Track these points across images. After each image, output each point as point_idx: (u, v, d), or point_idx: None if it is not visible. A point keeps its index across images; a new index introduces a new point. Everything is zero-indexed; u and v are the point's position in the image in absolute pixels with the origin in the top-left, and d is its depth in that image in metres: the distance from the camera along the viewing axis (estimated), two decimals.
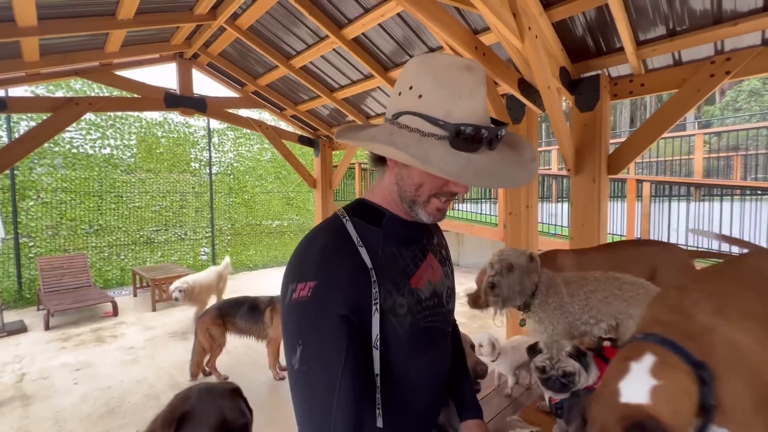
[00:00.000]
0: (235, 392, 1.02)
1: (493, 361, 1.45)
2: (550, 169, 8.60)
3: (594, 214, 2.62)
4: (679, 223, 5.33)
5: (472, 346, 1.36)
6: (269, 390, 3.34)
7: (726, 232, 4.97)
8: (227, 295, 4.74)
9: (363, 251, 0.69)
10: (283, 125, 5.50)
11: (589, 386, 1.02)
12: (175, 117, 7.88)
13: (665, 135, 7.84)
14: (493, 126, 0.65)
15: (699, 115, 14.00)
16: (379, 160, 0.75)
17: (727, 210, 5.01)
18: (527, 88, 2.77)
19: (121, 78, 3.95)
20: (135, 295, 6.63)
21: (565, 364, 1.00)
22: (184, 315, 5.53)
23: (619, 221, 5.69)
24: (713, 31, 2.12)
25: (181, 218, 8.09)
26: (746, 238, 4.87)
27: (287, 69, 3.88)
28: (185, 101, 4.17)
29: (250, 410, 1.02)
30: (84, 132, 6.82)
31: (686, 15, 2.15)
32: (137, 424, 2.83)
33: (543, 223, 6.66)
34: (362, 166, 9.09)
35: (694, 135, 7.19)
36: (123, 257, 7.38)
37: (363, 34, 3.19)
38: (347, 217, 0.73)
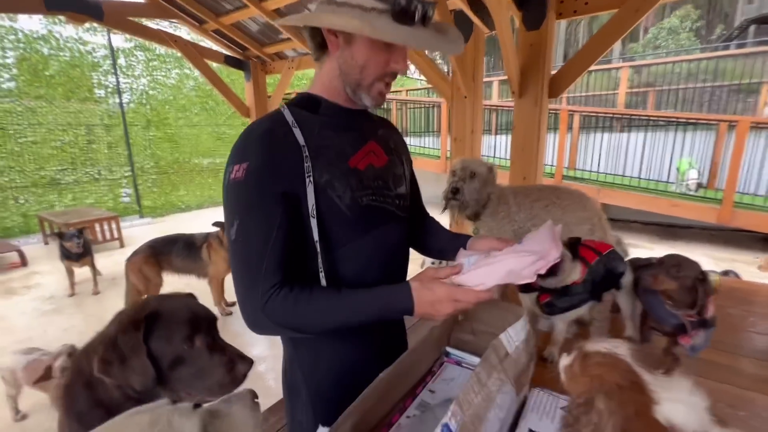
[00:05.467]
0: (192, 296, 0.97)
1: None
2: (491, 100, 8.72)
3: (534, 138, 2.70)
4: (602, 153, 5.84)
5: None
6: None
7: (638, 158, 5.56)
8: None
9: (297, 131, 0.72)
10: (207, 45, 4.77)
11: (575, 282, 1.01)
12: (64, 30, 6.47)
13: (594, 68, 8.21)
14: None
15: (624, 51, 14.82)
16: (320, 48, 0.77)
17: (641, 139, 5.56)
18: (476, 2, 2.61)
19: None
20: (46, 243, 5.90)
21: None
22: (111, 260, 5.07)
23: (550, 152, 6.06)
24: None
25: (90, 155, 7.06)
26: (650, 163, 5.50)
27: None
28: (73, 3, 3.34)
29: None
30: None
31: None
32: None
33: (483, 156, 6.90)
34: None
35: (621, 68, 7.62)
36: (23, 201, 6.39)
37: None
38: (285, 107, 0.77)
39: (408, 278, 0.93)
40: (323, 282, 0.75)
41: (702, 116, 5.77)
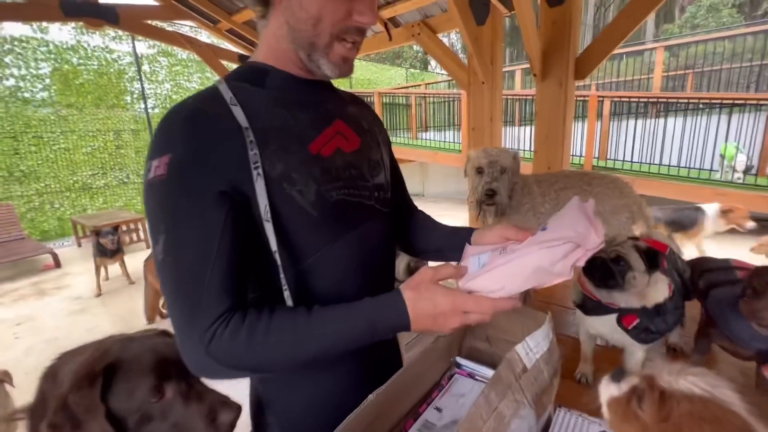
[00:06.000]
0: (165, 333, 0.84)
1: None
2: (514, 90, 8.39)
3: (559, 124, 2.49)
4: (636, 141, 5.44)
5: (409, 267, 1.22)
6: None
7: (676, 146, 5.15)
8: None
9: (237, 110, 0.56)
10: (225, 46, 4.79)
11: (657, 304, 0.75)
12: (91, 40, 6.72)
13: (626, 50, 7.69)
14: None
15: (658, 34, 13.95)
16: None
17: (680, 124, 5.14)
18: None
19: None
20: (79, 245, 6.14)
21: (624, 250, 0.74)
22: (136, 260, 5.21)
23: (578, 141, 5.72)
24: None
25: (119, 160, 7.31)
26: (690, 149, 5.08)
27: None
28: (89, 9, 3.41)
29: None
30: None
31: None
32: None
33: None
34: None
35: (655, 49, 7.12)
36: (58, 206, 6.69)
37: None
38: (222, 81, 0.61)
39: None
40: (289, 302, 0.60)
41: (750, 96, 5.28)
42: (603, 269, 0.75)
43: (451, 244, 0.79)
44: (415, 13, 3.10)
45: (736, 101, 5.04)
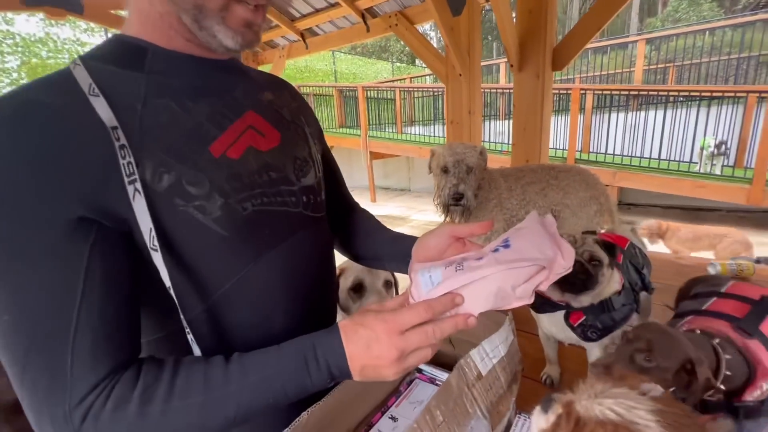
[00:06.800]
0: None
1: None
2: (498, 84, 8.37)
3: (537, 116, 2.45)
4: (618, 134, 5.47)
5: (387, 282, 1.11)
6: None
7: (657, 138, 5.20)
8: None
9: (100, 103, 0.41)
10: None
11: (603, 300, 0.73)
12: (61, 32, 6.45)
13: (608, 44, 7.71)
14: None
15: (642, 27, 14.11)
16: None
17: (661, 117, 5.18)
18: None
19: None
20: None
21: (592, 248, 0.71)
22: None
23: (561, 134, 5.73)
24: None
25: None
26: (671, 142, 5.13)
27: None
28: None
29: None
30: None
31: None
32: None
33: (489, 142, 6.63)
34: (298, 89, 8.29)
35: (637, 41, 7.17)
36: None
37: None
38: (78, 63, 0.44)
39: None
40: (195, 350, 0.46)
41: (728, 88, 5.36)
42: (582, 273, 0.70)
43: (390, 252, 0.69)
44: (393, 3, 3.03)
45: (714, 93, 5.10)
